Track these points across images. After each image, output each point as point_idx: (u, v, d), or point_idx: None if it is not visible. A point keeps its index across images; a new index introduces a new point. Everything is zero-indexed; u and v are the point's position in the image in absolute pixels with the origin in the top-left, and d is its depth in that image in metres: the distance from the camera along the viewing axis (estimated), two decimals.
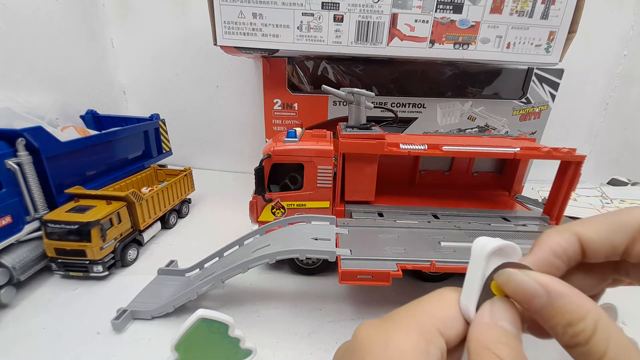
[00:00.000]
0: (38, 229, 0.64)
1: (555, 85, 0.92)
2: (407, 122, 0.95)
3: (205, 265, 0.64)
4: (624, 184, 1.12)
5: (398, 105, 0.93)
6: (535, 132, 0.97)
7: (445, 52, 0.78)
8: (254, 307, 0.60)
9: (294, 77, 0.90)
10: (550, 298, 0.17)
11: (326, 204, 0.69)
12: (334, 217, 0.64)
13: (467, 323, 0.20)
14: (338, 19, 0.74)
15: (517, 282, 0.18)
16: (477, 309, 0.20)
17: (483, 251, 0.20)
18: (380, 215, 0.69)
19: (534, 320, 0.19)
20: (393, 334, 0.19)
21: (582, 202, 0.93)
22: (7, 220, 0.58)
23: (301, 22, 0.75)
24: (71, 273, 0.65)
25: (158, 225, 0.83)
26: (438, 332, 0.19)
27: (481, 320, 0.19)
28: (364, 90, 0.69)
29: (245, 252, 0.58)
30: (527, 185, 0.94)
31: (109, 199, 0.69)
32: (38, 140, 0.63)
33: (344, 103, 0.90)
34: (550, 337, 0.18)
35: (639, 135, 1.23)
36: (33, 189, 0.62)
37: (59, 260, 0.64)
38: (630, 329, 0.54)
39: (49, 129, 0.67)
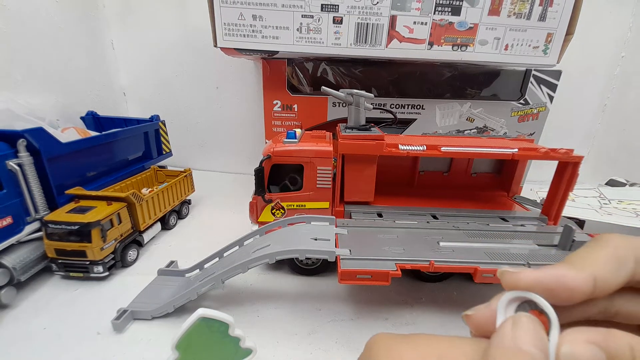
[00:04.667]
0: (39, 230, 0.64)
1: (553, 87, 0.93)
2: (406, 123, 0.96)
3: (205, 266, 0.64)
4: (622, 184, 1.12)
5: (397, 106, 0.94)
6: (533, 133, 0.98)
7: (443, 53, 0.79)
8: (253, 307, 0.60)
9: (294, 78, 0.91)
10: (609, 354, 0.15)
11: (326, 204, 0.69)
12: (334, 217, 0.64)
13: None
14: (337, 21, 0.75)
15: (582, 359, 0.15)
16: None
17: (502, 302, 0.18)
18: (380, 215, 0.70)
19: None
20: (407, 349, 0.18)
21: (580, 202, 0.93)
22: (7, 220, 0.59)
23: (301, 24, 0.75)
24: (71, 274, 0.65)
25: (158, 226, 0.84)
26: None
27: (500, 343, 0.16)
28: (363, 92, 0.70)
29: (245, 253, 0.59)
30: (526, 186, 0.94)
31: (109, 199, 0.69)
32: (39, 141, 0.63)
33: (344, 104, 0.90)
34: None
35: (637, 137, 1.24)
36: (34, 190, 0.63)
37: (60, 261, 0.64)
38: None
39: (50, 130, 0.68)
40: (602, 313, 0.19)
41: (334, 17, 0.75)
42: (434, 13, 0.75)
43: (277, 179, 0.69)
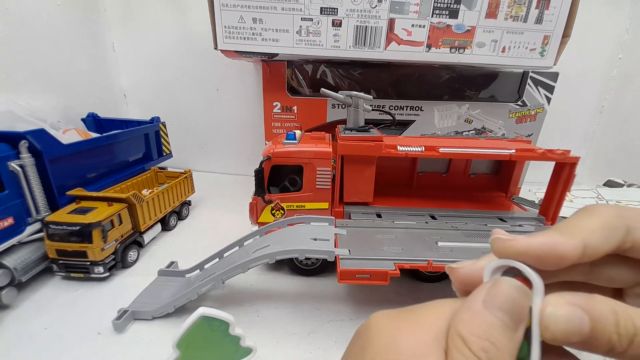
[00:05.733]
0: (40, 231, 0.64)
1: (550, 89, 0.93)
2: (405, 124, 0.96)
3: (206, 266, 0.65)
4: (620, 185, 1.13)
5: (396, 108, 0.94)
6: (531, 135, 0.99)
7: (441, 56, 0.79)
8: (253, 307, 0.61)
9: (293, 80, 0.92)
10: (592, 317, 0.15)
11: (325, 205, 0.70)
12: (333, 218, 0.64)
13: None
14: (336, 24, 0.76)
15: (565, 318, 0.15)
16: None
17: (488, 270, 0.18)
18: (379, 216, 0.70)
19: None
20: (405, 330, 0.18)
21: (578, 203, 0.94)
22: (9, 221, 0.59)
23: (300, 26, 0.76)
24: (72, 274, 0.65)
25: (158, 227, 0.84)
26: None
27: (470, 305, 0.16)
28: (362, 94, 0.71)
29: (245, 253, 0.59)
30: (525, 187, 0.95)
31: (110, 200, 0.70)
32: (40, 142, 0.64)
33: (343, 106, 0.91)
34: None
35: (635, 138, 1.25)
36: (35, 191, 0.63)
37: (60, 262, 0.64)
38: None
39: (51, 132, 0.68)
40: (584, 275, 0.20)
41: (333, 20, 0.75)
42: (432, 16, 0.76)
43: (276, 180, 0.70)
